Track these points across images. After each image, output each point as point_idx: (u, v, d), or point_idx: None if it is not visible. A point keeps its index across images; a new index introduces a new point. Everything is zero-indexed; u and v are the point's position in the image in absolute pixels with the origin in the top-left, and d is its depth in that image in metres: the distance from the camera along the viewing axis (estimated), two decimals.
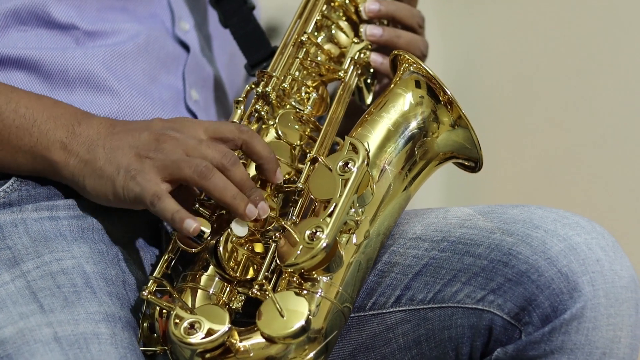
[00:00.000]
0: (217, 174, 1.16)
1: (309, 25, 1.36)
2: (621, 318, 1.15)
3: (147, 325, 1.18)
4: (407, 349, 1.25)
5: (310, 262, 1.13)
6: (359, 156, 1.18)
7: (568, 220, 1.20)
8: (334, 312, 1.15)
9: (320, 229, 1.13)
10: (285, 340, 1.11)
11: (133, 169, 1.17)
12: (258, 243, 1.20)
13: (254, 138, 1.20)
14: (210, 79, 1.48)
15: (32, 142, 1.21)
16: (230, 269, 1.17)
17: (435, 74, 1.25)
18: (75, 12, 1.34)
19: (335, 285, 1.15)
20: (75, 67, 1.32)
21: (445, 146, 1.26)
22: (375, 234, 1.20)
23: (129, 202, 1.17)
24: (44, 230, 1.21)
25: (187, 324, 1.11)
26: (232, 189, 1.16)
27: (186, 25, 1.45)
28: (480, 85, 1.81)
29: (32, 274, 1.17)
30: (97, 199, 1.20)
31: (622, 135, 1.62)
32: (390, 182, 1.22)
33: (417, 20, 1.42)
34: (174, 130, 1.19)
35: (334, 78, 1.35)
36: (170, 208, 1.14)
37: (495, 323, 1.19)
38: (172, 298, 1.14)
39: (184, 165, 1.16)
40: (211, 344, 1.10)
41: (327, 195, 1.17)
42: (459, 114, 1.24)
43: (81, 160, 1.20)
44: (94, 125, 1.21)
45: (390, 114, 1.25)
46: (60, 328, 1.11)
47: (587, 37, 1.67)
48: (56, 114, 1.22)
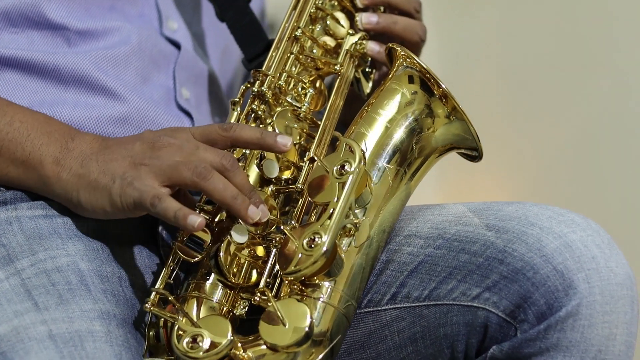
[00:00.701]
0: (216, 175, 1.15)
1: (303, 18, 1.35)
2: (617, 315, 1.15)
3: (153, 334, 1.17)
4: (403, 346, 1.25)
5: (310, 269, 1.12)
6: (355, 157, 1.17)
7: (563, 217, 1.20)
8: (337, 316, 1.14)
9: (319, 235, 1.12)
10: (289, 349, 1.10)
11: (129, 176, 1.16)
12: (259, 247, 1.19)
13: (238, 131, 1.19)
14: (204, 76, 1.47)
15: (24, 156, 1.20)
16: (232, 275, 1.17)
17: (428, 67, 1.24)
18: (65, 11, 1.34)
19: (338, 290, 1.14)
20: (68, 67, 1.32)
21: (444, 140, 1.25)
22: (376, 233, 1.19)
23: (127, 210, 1.16)
24: (38, 228, 1.21)
25: (190, 338, 1.10)
26: (232, 189, 1.15)
27: (174, 25, 1.44)
28: (475, 82, 1.80)
29: (26, 271, 1.16)
30: (92, 213, 1.19)
31: (618, 132, 1.62)
32: (390, 180, 1.21)
33: (413, 5, 1.41)
34: (167, 136, 1.19)
35: (330, 71, 1.34)
36: (172, 206, 1.13)
37: (491, 320, 1.19)
38: (175, 308, 1.14)
39: (182, 168, 1.15)
40: (215, 357, 1.10)
41: (325, 199, 1.16)
42: (454, 106, 1.24)
43: (74, 174, 1.19)
44: (86, 140, 1.21)
45: (386, 111, 1.24)
46: (55, 326, 1.11)
47: (582, 34, 1.67)
48: (50, 130, 1.21)
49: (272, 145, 1.18)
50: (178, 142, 1.18)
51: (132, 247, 1.26)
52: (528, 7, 1.74)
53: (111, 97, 1.33)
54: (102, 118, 1.30)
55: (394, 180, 1.22)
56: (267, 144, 1.19)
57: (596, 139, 1.64)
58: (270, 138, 1.18)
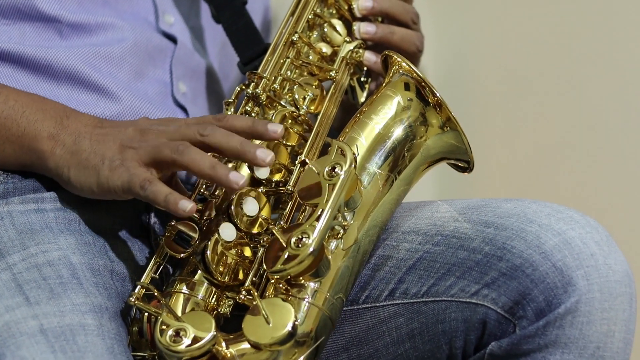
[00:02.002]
0: (193, 149, 1.15)
1: (300, 23, 1.35)
2: (615, 312, 1.16)
3: (136, 330, 1.18)
4: (401, 342, 1.25)
5: (296, 268, 1.12)
6: (346, 160, 1.17)
7: (562, 214, 1.20)
8: (322, 317, 1.14)
9: (306, 234, 1.12)
10: (272, 347, 1.10)
11: (117, 159, 1.16)
12: (246, 247, 1.20)
13: (231, 120, 1.19)
14: (201, 70, 1.47)
15: (19, 132, 1.21)
16: (219, 274, 1.17)
17: (424, 76, 1.24)
18: (57, 3, 1.34)
19: (323, 291, 1.14)
20: (60, 63, 1.32)
21: (435, 148, 1.25)
22: (364, 237, 1.19)
23: (114, 192, 1.17)
24: (30, 223, 1.21)
25: (173, 332, 1.11)
26: (209, 160, 1.14)
27: (171, 19, 1.44)
28: (473, 81, 1.80)
29: (18, 266, 1.17)
30: (80, 191, 1.20)
31: (614, 129, 1.62)
32: (380, 185, 1.21)
33: (410, 17, 1.42)
34: (159, 125, 1.20)
35: (325, 78, 1.34)
36: (162, 190, 1.13)
37: (489, 317, 1.20)
38: (160, 303, 1.14)
39: (163, 147, 1.15)
40: (197, 352, 1.10)
41: (314, 200, 1.16)
42: (448, 116, 1.24)
43: (68, 150, 1.20)
44: (82, 119, 1.22)
45: (380, 117, 1.24)
46: (46, 320, 1.11)
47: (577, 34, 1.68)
48: (45, 107, 1.23)
49: (263, 132, 1.18)
50: (166, 129, 1.18)
51: (124, 240, 1.27)
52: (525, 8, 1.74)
53: (104, 96, 1.34)
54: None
55: (384, 186, 1.22)
56: (259, 131, 1.19)
57: (594, 136, 1.64)
58: (262, 126, 1.19)
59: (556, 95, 1.70)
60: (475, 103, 1.68)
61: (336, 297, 1.16)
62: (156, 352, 1.13)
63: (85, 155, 1.18)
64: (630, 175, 1.61)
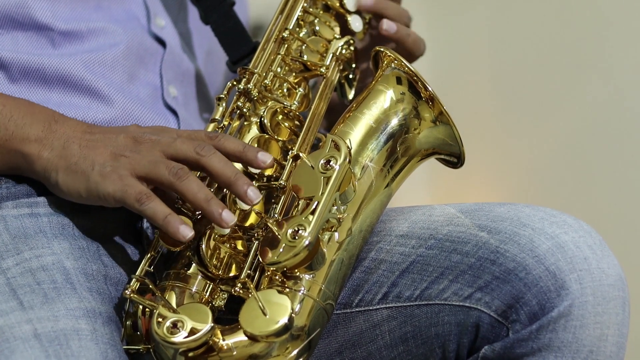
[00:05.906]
0: (192, 177, 1.15)
1: (290, 20, 1.35)
2: (608, 316, 1.16)
3: (130, 324, 1.17)
4: (394, 346, 1.25)
5: (292, 260, 1.13)
6: (341, 154, 1.17)
7: (555, 218, 1.21)
8: (316, 309, 1.14)
9: (303, 227, 1.13)
10: (268, 339, 1.10)
11: (108, 166, 1.16)
12: (240, 240, 1.20)
13: (223, 141, 1.19)
14: (190, 74, 1.47)
15: (7, 136, 1.21)
16: (213, 267, 1.17)
17: (416, 70, 1.25)
18: (49, 11, 1.34)
19: (317, 283, 1.15)
20: (52, 67, 1.32)
21: (427, 142, 1.26)
22: (357, 231, 1.20)
23: (104, 199, 1.16)
24: (23, 227, 1.21)
25: (170, 323, 1.11)
26: (205, 192, 1.15)
27: (162, 22, 1.45)
28: (466, 82, 1.81)
29: (11, 271, 1.16)
30: (68, 195, 1.19)
31: (608, 132, 1.62)
32: (372, 179, 1.22)
33: (404, 20, 1.43)
34: (151, 134, 1.19)
35: (315, 74, 1.35)
36: (162, 210, 1.14)
37: (483, 321, 1.20)
38: (155, 296, 1.14)
39: (161, 167, 1.15)
40: (194, 343, 1.10)
41: (309, 193, 1.17)
42: (441, 110, 1.25)
43: (56, 154, 1.19)
44: (71, 124, 1.21)
45: (372, 111, 1.25)
46: (40, 325, 1.11)
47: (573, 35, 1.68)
48: (33, 111, 1.22)
49: (252, 159, 1.19)
50: (159, 139, 1.18)
51: (117, 245, 1.26)
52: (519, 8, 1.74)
53: (96, 98, 1.33)
54: (86, 119, 1.30)
55: (377, 179, 1.22)
56: (248, 158, 1.19)
57: (587, 140, 1.64)
58: (252, 153, 1.18)
59: (551, 100, 1.70)
60: (467, 106, 1.68)
61: (330, 289, 1.16)
62: (151, 345, 1.13)
63: (75, 160, 1.18)
64: (624, 180, 1.61)
